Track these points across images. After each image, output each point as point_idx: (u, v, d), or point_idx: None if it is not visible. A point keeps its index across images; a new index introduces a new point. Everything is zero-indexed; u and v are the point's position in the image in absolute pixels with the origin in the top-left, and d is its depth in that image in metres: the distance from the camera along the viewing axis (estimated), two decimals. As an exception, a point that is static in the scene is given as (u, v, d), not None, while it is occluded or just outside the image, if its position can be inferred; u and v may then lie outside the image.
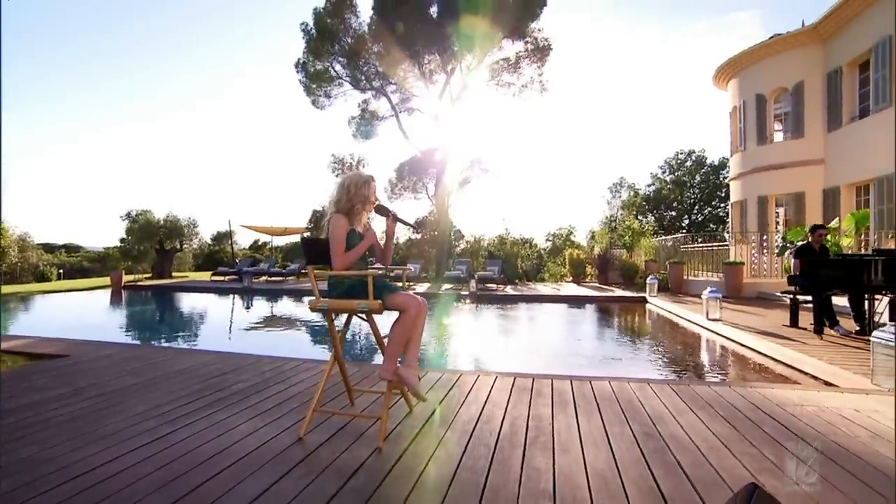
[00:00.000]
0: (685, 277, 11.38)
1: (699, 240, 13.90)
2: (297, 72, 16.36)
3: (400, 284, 2.77)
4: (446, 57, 17.09)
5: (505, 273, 15.27)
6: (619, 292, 11.90)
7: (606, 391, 3.07)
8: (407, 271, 2.77)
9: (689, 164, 33.69)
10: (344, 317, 2.57)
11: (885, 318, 5.01)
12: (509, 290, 12.90)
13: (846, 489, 1.76)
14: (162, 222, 19.66)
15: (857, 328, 5.05)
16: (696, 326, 6.81)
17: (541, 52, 17.68)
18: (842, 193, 10.71)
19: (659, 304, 9.29)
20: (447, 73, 17.73)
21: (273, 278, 16.42)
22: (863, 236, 9.18)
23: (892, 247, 8.43)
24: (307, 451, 2.13)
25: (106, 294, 13.09)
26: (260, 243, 33.80)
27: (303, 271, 17.18)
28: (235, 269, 16.37)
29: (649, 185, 34.85)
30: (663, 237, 15.63)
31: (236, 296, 12.65)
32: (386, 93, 18.23)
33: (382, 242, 2.59)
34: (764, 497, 1.28)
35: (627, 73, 49.02)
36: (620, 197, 34.24)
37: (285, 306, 10.85)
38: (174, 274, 20.26)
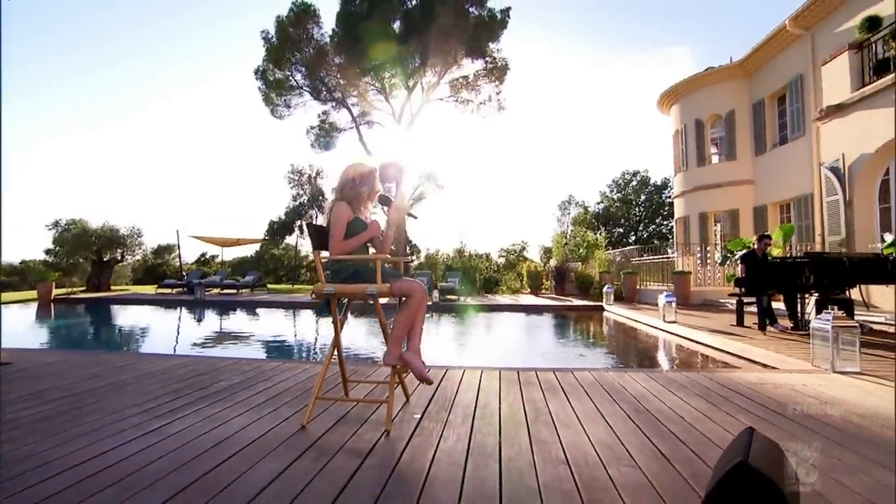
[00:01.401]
0: (638, 287, 12.08)
1: (644, 255, 14.81)
2: (256, 79, 16.00)
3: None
4: (407, 72, 17.41)
5: (464, 285, 15.49)
6: (577, 302, 12.40)
7: (589, 379, 3.24)
8: (407, 260, 2.81)
9: (634, 183, 35.86)
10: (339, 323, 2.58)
11: (813, 315, 5.62)
12: (470, 300, 13.08)
13: (806, 440, 2.00)
14: (99, 232, 18.25)
15: (792, 325, 5.62)
16: (654, 329, 7.25)
17: (499, 71, 18.44)
18: (769, 211, 11.87)
19: (616, 311, 9.79)
20: (408, 88, 18.04)
21: (226, 291, 15.65)
22: (789, 247, 10.20)
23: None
24: (314, 437, 2.10)
25: (32, 308, 11.90)
26: (207, 256, 32.12)
27: (258, 284, 16.52)
28: (184, 281, 15.45)
29: (598, 203, 36.71)
30: (614, 250, 16.49)
31: (189, 308, 11.94)
32: (347, 105, 18.24)
33: (382, 231, 2.64)
34: (759, 437, 1.45)
35: (578, 96, 51.85)
36: (570, 214, 35.85)
37: (245, 317, 10.39)
38: (112, 287, 18.78)
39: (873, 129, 7.60)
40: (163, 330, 8.70)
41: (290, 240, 23.37)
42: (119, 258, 18.65)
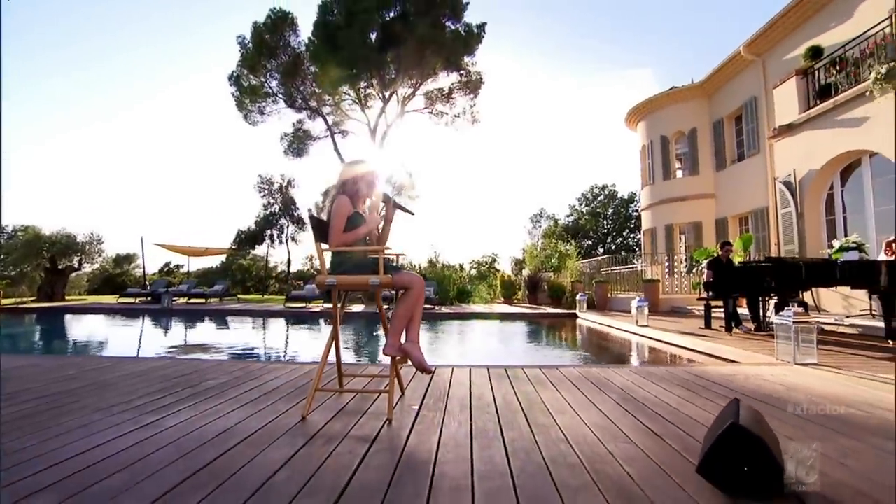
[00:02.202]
0: (609, 295, 12.47)
1: (613, 265, 15.31)
2: (230, 84, 15.74)
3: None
4: (384, 83, 17.54)
5: (438, 294, 15.55)
6: (551, 310, 12.67)
7: (575, 374, 3.36)
8: (401, 255, 2.87)
9: (602, 197, 37.08)
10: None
11: (774, 316, 6.01)
12: (444, 309, 13.14)
13: (779, 417, 2.17)
14: (53, 238, 17.30)
15: (755, 326, 5.99)
16: (628, 333, 7.52)
17: (473, 84, 18.83)
18: (729, 223, 12.57)
19: (590, 318, 10.08)
20: (384, 99, 18.15)
21: (194, 300, 15.08)
22: (748, 256, 10.82)
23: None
24: (316, 427, 2.11)
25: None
26: (172, 266, 30.88)
27: (227, 294, 16.02)
28: (149, 290, 14.81)
29: (568, 216, 37.72)
30: (585, 261, 16.97)
31: (157, 316, 11.44)
32: (322, 113, 18.14)
33: (380, 227, 2.69)
34: (744, 406, 1.60)
35: (548, 112, 53.49)
36: (541, 227, 36.67)
37: (218, 325, 10.05)
38: (66, 298, 17.76)
39: (819, 147, 8.25)
40: (132, 336, 8.31)
41: (261, 250, 22.85)
42: (76, 266, 17.69)
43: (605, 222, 36.69)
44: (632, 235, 34.65)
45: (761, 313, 6.09)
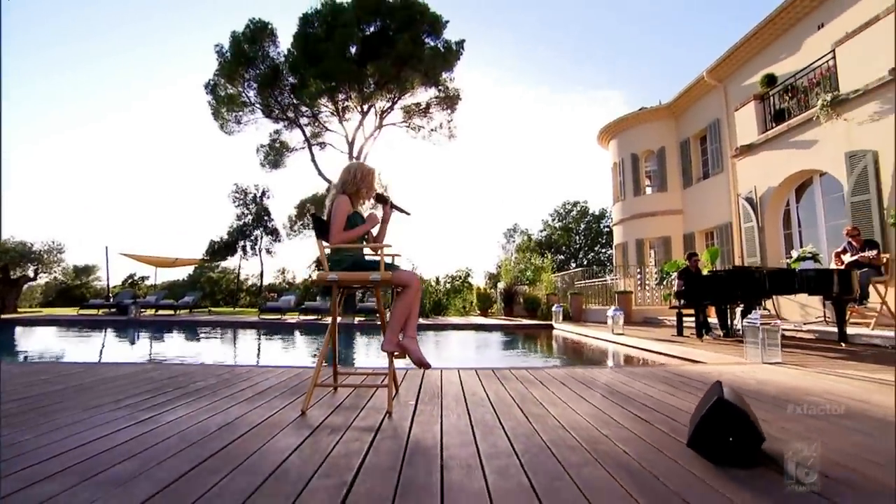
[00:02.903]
0: (584, 307, 12.78)
1: (586, 279, 15.73)
2: (206, 93, 15.52)
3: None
4: (362, 96, 17.68)
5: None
6: (527, 321, 12.86)
7: (561, 373, 3.48)
8: (397, 255, 2.93)
9: (574, 213, 38.07)
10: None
11: (739, 324, 6.35)
12: (422, 321, 13.15)
13: (754, 405, 2.34)
14: (6, 246, 16.39)
15: (724, 333, 6.30)
16: (605, 341, 7.74)
17: (451, 100, 19.20)
18: (696, 237, 13.18)
19: (566, 328, 10.30)
20: (362, 112, 18.27)
21: (162, 312, 14.52)
22: (715, 268, 11.37)
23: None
24: (318, 420, 2.13)
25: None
26: (136, 278, 29.63)
27: (197, 306, 15.52)
28: (114, 301, 14.18)
29: (541, 231, 38.49)
30: (559, 274, 17.34)
31: (124, 328, 10.94)
32: (300, 125, 18.08)
33: (377, 227, 2.77)
34: (725, 386, 1.74)
35: (523, 129, 54.86)
36: (515, 241, 37.28)
37: (192, 335, 9.71)
38: (19, 310, 16.76)
39: (776, 166, 8.84)
40: (101, 346, 7.94)
41: (233, 261, 22.27)
42: (32, 276, 16.78)
43: (577, 237, 37.61)
44: (603, 251, 35.62)
45: (729, 321, 6.43)
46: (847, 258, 6.08)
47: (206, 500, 1.26)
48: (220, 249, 19.68)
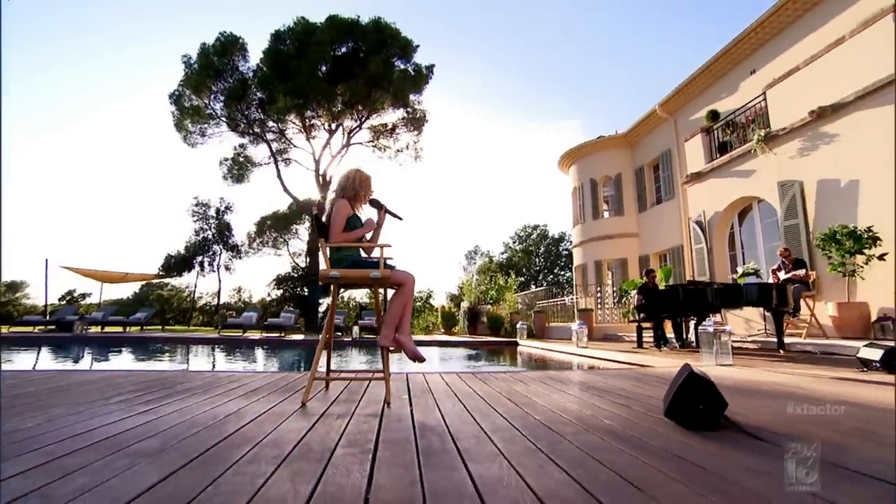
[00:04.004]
0: (547, 325, 13.20)
1: (548, 298, 16.27)
2: (170, 103, 15.14)
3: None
4: (331, 115, 17.83)
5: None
6: (493, 338, 13.09)
7: (539, 375, 3.69)
8: (390, 259, 3.06)
9: (534, 235, 39.25)
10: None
11: (692, 336, 6.86)
12: (392, 338, 13.09)
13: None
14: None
15: (679, 344, 6.78)
16: (570, 354, 8.06)
17: (418, 121, 19.68)
18: (651, 259, 14.01)
19: (531, 344, 10.59)
20: (329, 130, 18.37)
21: (109, 329, 13.65)
22: (669, 283, 12.14)
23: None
24: (320, 410, 2.21)
25: None
26: (76, 295, 27.58)
27: (150, 323, 14.70)
28: (53, 318, 13.20)
29: (502, 253, 39.35)
30: (522, 293, 17.82)
31: (69, 346, 10.17)
32: (266, 140, 17.91)
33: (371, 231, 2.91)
34: (695, 372, 2.00)
35: (485, 154, 56.44)
36: (476, 263, 37.88)
37: (149, 352, 9.19)
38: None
39: (721, 193, 9.71)
40: (52, 359, 7.39)
41: (189, 277, 21.30)
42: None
43: (537, 260, 38.68)
44: (562, 273, 36.77)
45: (684, 334, 6.94)
46: (782, 275, 6.76)
47: (244, 463, 1.34)
48: (177, 264, 18.81)
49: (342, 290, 2.79)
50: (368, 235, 2.89)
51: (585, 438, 1.64)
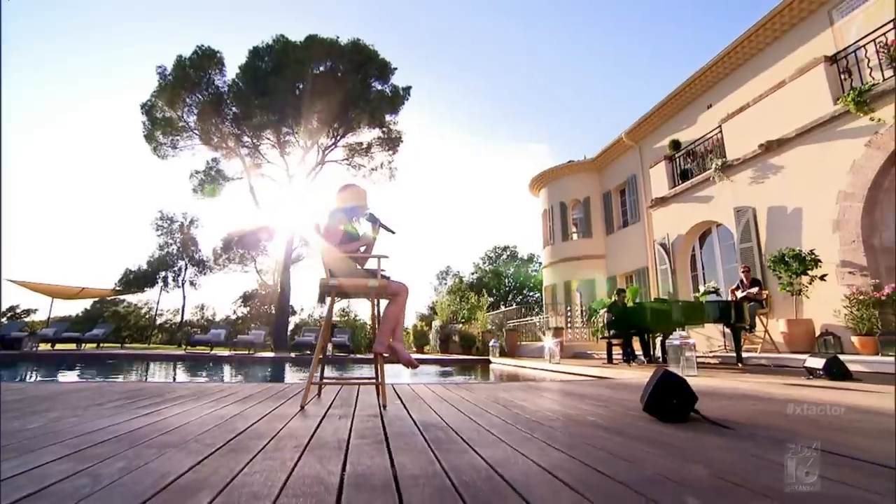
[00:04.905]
0: (518, 343, 13.44)
1: (518, 317, 16.57)
2: (142, 113, 14.83)
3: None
4: (307, 132, 17.88)
5: (353, 342, 15.43)
6: (465, 357, 13.20)
7: (520, 385, 3.86)
8: (383, 271, 3.19)
9: (504, 256, 39.91)
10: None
11: (658, 352, 7.23)
12: (359, 356, 13.02)
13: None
14: None
15: (647, 360, 7.13)
16: (543, 371, 8.28)
17: (393, 141, 19.98)
18: (618, 280, 14.60)
19: (504, 362, 10.78)
20: (304, 147, 18.39)
21: (62, 346, 12.89)
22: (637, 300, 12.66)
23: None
24: (321, 413, 2.30)
25: None
26: (19, 311, 25.79)
27: (108, 340, 13.99)
28: None
29: (473, 274, 39.74)
30: (493, 312, 18.07)
31: (15, 365, 9.54)
32: (240, 154, 17.72)
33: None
34: (668, 371, 2.24)
35: (456, 175, 57.37)
36: (447, 283, 38.09)
37: (109, 369, 8.75)
38: None
39: (683, 217, 10.35)
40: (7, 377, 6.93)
41: (151, 294, 20.41)
42: None
43: (506, 280, 39.23)
44: (532, 294, 37.39)
45: (651, 350, 7.31)
46: (739, 294, 7.27)
47: (269, 450, 1.44)
48: (138, 279, 18.04)
49: (338, 299, 2.90)
50: (363, 249, 3.03)
51: (575, 430, 1.82)
